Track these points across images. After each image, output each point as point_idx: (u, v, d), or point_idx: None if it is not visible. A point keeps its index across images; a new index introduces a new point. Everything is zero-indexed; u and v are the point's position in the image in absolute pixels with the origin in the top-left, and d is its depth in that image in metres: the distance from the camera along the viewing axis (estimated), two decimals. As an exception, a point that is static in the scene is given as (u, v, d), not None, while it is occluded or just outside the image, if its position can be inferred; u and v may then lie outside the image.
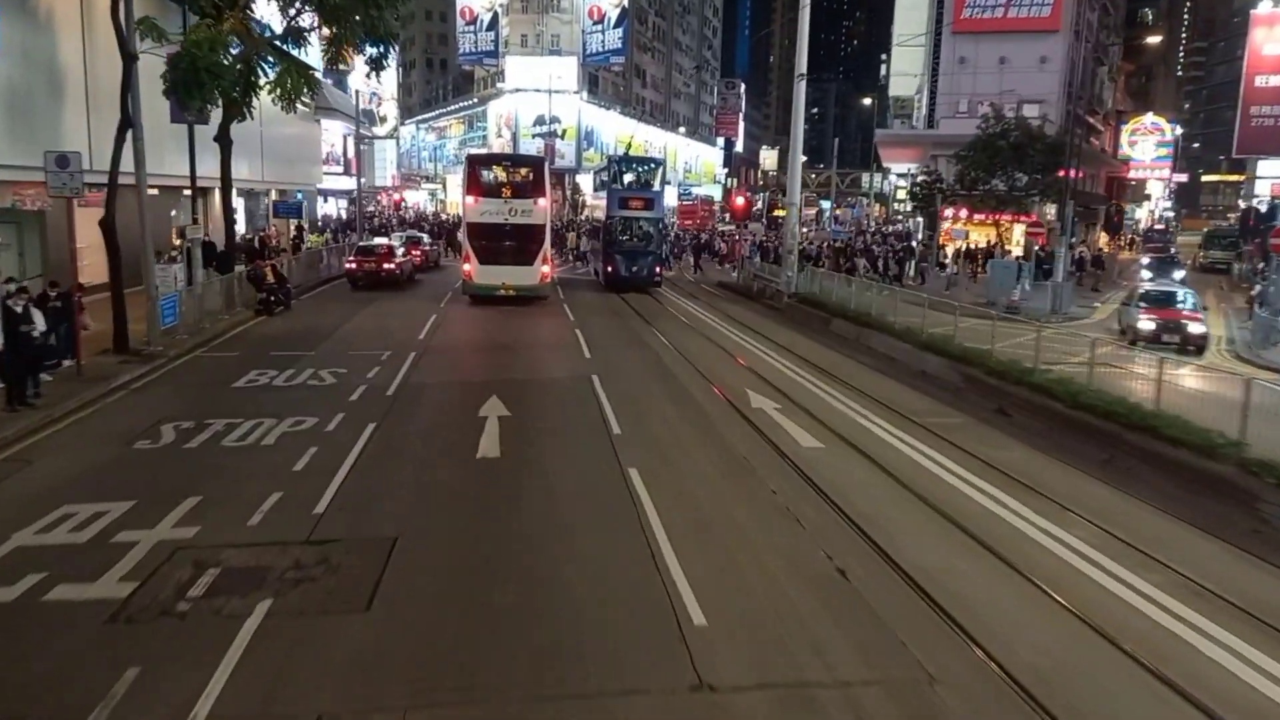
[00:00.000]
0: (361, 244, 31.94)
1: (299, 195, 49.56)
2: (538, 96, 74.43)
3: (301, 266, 30.75)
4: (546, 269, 26.77)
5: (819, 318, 24.09)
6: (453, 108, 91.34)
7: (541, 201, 26.47)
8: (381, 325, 22.89)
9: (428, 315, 24.21)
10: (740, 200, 34.64)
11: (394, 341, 20.28)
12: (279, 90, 23.93)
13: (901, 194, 77.69)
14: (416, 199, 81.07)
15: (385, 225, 49.06)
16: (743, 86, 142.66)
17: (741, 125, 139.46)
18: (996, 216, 40.99)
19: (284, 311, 24.42)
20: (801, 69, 27.92)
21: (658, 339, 21.52)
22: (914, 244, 46.10)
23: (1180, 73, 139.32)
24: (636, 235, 31.80)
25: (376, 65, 26.81)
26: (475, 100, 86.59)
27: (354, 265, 30.07)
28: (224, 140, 24.24)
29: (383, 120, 75.77)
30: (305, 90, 24.90)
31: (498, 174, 27.31)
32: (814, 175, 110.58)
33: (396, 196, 47.41)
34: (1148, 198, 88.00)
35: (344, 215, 59.16)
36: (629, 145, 43.36)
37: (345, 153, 58.94)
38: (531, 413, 14.09)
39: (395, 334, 21.42)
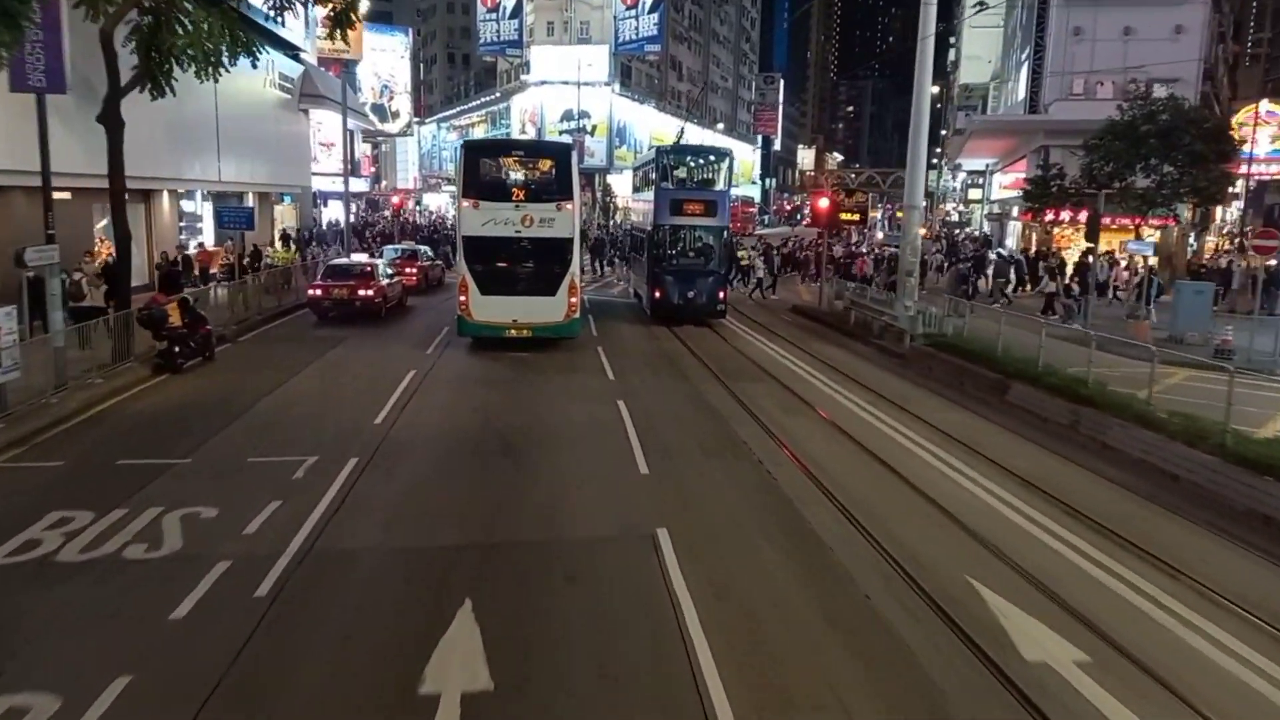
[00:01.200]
0: (332, 263, 24.58)
1: (286, 198, 42.64)
2: (565, 89, 67.21)
3: (251, 294, 23.42)
4: (575, 300, 19.17)
5: (978, 378, 16.18)
6: (474, 103, 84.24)
7: (568, 206, 18.90)
8: (330, 391, 15.41)
9: (403, 371, 16.70)
10: (824, 202, 26.50)
11: (336, 428, 12.83)
12: (193, 52, 16.59)
13: (975, 194, 69.58)
14: (440, 202, 73.98)
15: (379, 234, 41.87)
16: (781, 82, 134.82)
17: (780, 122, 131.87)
18: (1138, 221, 32.76)
19: (200, 365, 17.07)
20: (929, 29, 20.22)
21: (755, 426, 13.72)
22: (1004, 255, 38.03)
23: None
24: (693, 250, 24.16)
25: (339, 22, 19.45)
26: (498, 94, 79.45)
27: (319, 291, 22.69)
28: (111, 120, 16.90)
29: (395, 116, 68.89)
30: (233, 52, 17.55)
31: (507, 168, 19.73)
32: (852, 175, 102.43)
33: (396, 200, 40.01)
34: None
35: (352, 220, 52.15)
36: (681, 132, 35.64)
37: (352, 151, 52.11)
38: (537, 673, 6.48)
39: (343, 410, 13.95)
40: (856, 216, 55.53)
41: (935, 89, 72.76)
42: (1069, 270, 30.70)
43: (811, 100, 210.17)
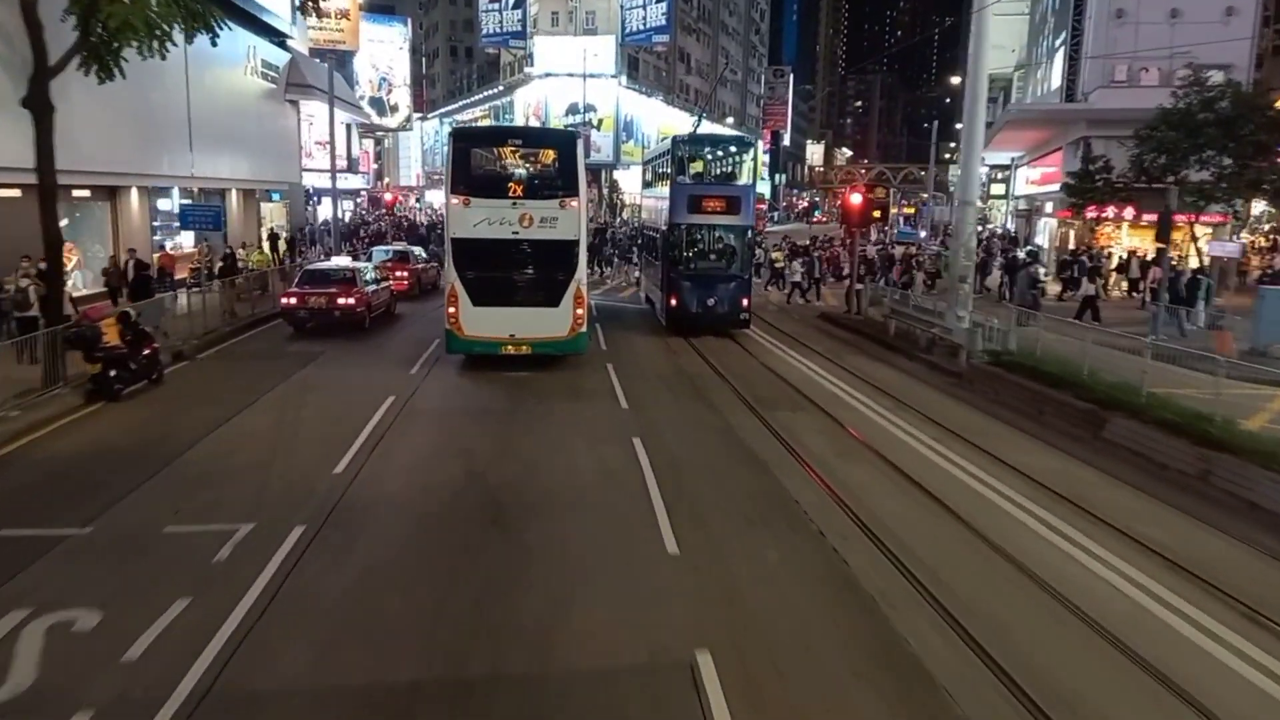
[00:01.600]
0: (309, 267, 22.03)
1: (275, 196, 40.17)
2: (570, 82, 64.56)
3: (218, 304, 20.92)
4: (581, 311, 16.61)
5: (1062, 407, 13.54)
6: (476, 98, 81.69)
7: (573, 203, 16.35)
8: (288, 427, 12.85)
9: (379, 398, 14.17)
10: (857, 198, 23.84)
11: (284, 481, 10.31)
12: (136, 23, 14.04)
13: (998, 189, 66.77)
14: (443, 199, 71.08)
15: (373, 234, 39.25)
16: (791, 75, 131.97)
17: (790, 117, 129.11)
18: (1192, 218, 30.07)
19: (144, 391, 14.57)
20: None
21: (805, 477, 11.14)
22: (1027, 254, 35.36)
23: None
24: (714, 252, 21.57)
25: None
26: (501, 88, 76.83)
27: (294, 300, 20.16)
28: (37, 104, 14.36)
29: (394, 110, 66.40)
30: (189, 27, 15.02)
31: (503, 160, 17.14)
32: (862, 170, 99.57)
33: (390, 197, 37.44)
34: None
35: (348, 218, 49.72)
36: (698, 121, 33.04)
37: (349, 147, 49.65)
38: None
39: (298, 455, 11.43)
40: (879, 214, 53.56)
41: (955, 80, 70.01)
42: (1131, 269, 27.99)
43: (820, 95, 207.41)
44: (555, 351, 16.78)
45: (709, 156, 23.23)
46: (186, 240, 31.31)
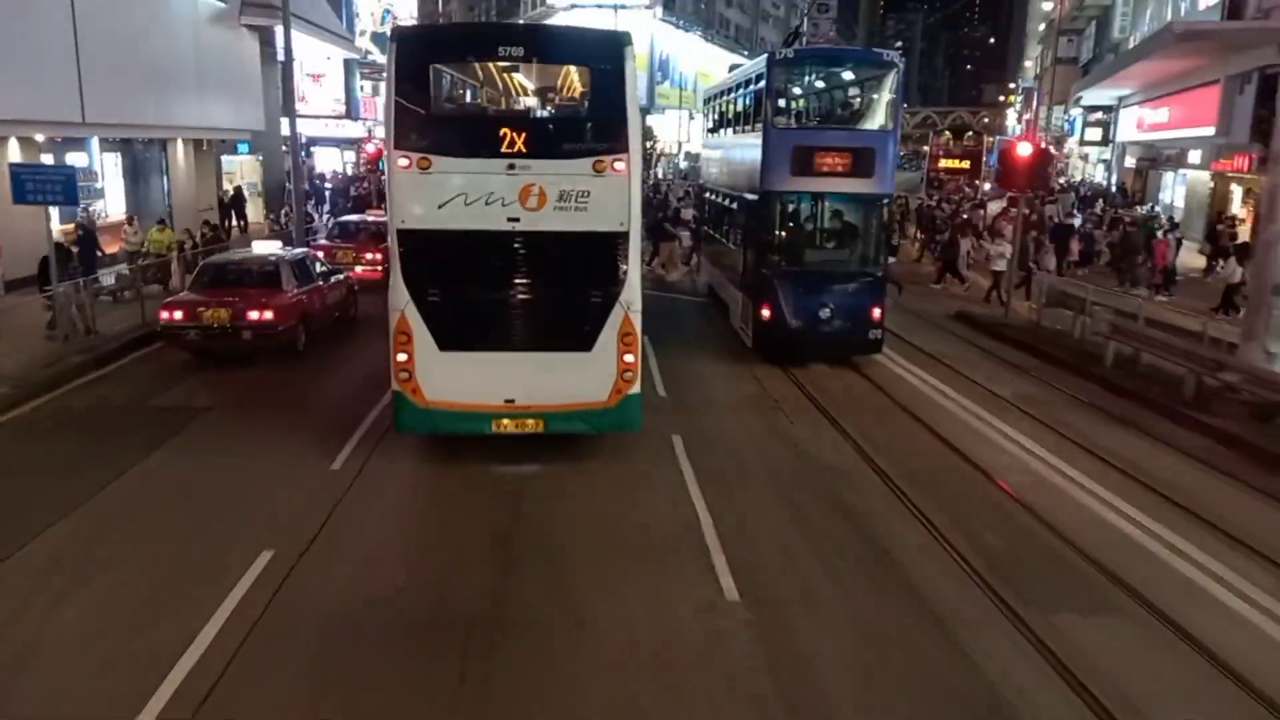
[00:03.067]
0: (215, 259, 14.70)
1: (242, 147, 32.80)
2: (598, 14, 56.51)
3: (86, 311, 13.77)
4: (632, 356, 9.24)
5: None
6: (493, 35, 73.32)
7: (619, 165, 8.87)
8: (19, 649, 5.73)
9: (232, 571, 6.99)
10: (1026, 149, 15.96)
11: None
12: None
13: (1094, 134, 57.76)
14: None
15: (353, 190, 31.79)
16: (835, 10, 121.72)
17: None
18: None
19: None
20: None
21: None
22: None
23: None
24: (832, 236, 14.07)
25: None
26: (521, 23, 68.56)
27: (180, 314, 12.93)
28: None
29: (399, 48, 58.31)
30: None
31: (491, 85, 9.74)
32: (907, 115, 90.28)
33: (372, 148, 29.92)
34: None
35: (351, 171, 42.26)
36: (797, 29, 24.78)
37: (351, 89, 42.08)
38: None
39: None
40: (966, 164, 45.00)
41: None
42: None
43: (860, 35, 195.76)
44: (588, 429, 9.52)
45: (826, 84, 15.55)
46: (114, 207, 24.31)
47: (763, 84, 13.43)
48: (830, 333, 13.55)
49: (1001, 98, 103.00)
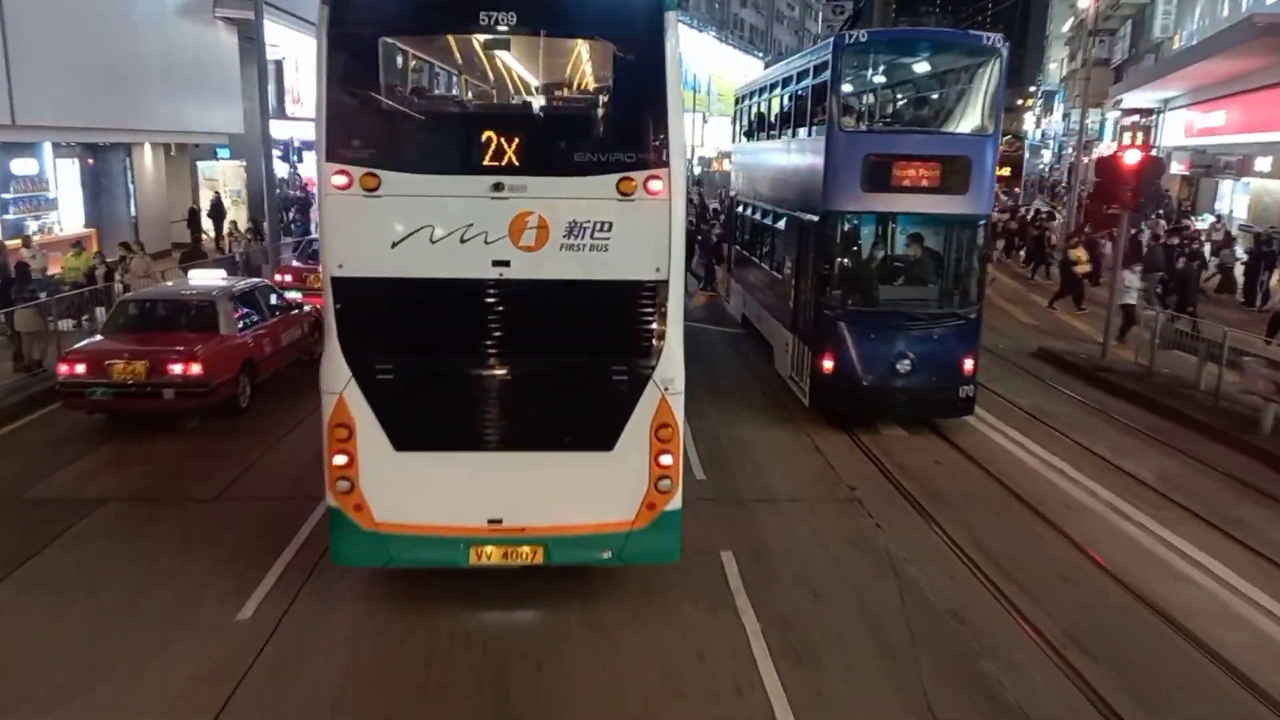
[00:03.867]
0: (135, 295, 11.84)
1: (222, 151, 30.01)
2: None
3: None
4: (670, 458, 6.38)
5: None
6: (498, 35, 70.59)
7: (656, 185, 6.05)
8: None
9: None
10: (1134, 157, 13.02)
11: None
12: None
13: (1128, 139, 54.67)
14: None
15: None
16: (850, 10, 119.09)
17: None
18: None
19: None
20: None
21: None
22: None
23: None
24: (912, 269, 11.20)
25: None
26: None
27: (83, 367, 10.12)
28: None
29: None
30: None
31: (469, 61, 6.94)
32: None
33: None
34: None
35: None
36: (857, 8, 21.62)
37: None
38: None
39: None
40: (1007, 170, 42.04)
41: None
42: None
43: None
44: (605, 561, 6.63)
45: (908, 76, 12.68)
46: (70, 220, 21.65)
47: (827, 75, 10.53)
48: (911, 391, 10.67)
49: (1020, 101, 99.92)
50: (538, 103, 7.65)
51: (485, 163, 5.99)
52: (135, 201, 24.36)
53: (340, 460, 6.32)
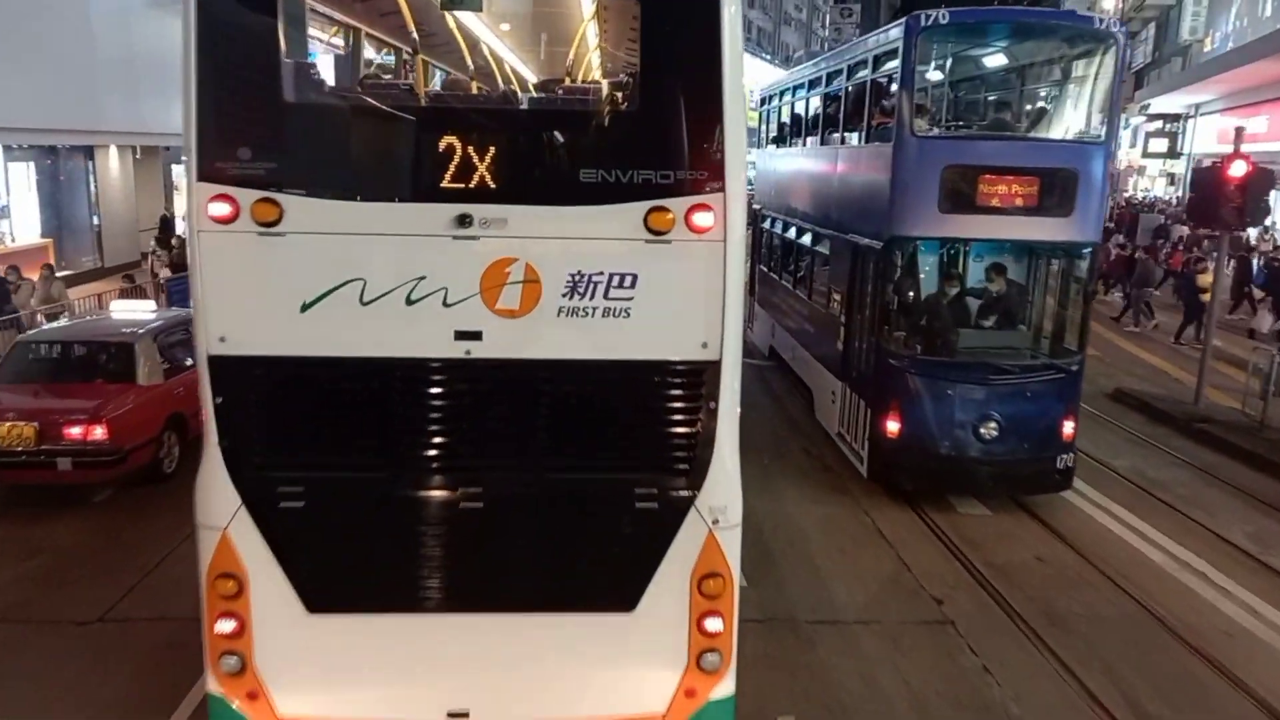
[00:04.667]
0: (29, 335, 9.63)
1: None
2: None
3: None
4: (721, 625, 4.25)
5: None
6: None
7: (704, 219, 3.93)
8: None
9: None
10: (1240, 168, 10.91)
11: None
12: None
13: (1159, 145, 52.43)
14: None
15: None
16: (859, 12, 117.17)
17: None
18: None
19: None
20: None
21: None
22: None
23: None
24: (996, 309, 9.04)
25: None
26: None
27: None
28: None
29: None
30: None
31: (423, 27, 4.86)
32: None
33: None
34: None
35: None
36: None
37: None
38: None
39: None
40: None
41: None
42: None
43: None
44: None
45: (999, 65, 10.52)
46: (24, 229, 19.61)
47: (895, 66, 8.38)
48: (999, 461, 8.52)
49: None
50: (526, 94, 5.52)
51: (445, 184, 3.86)
52: (98, 209, 22.27)
53: (225, 627, 4.18)
